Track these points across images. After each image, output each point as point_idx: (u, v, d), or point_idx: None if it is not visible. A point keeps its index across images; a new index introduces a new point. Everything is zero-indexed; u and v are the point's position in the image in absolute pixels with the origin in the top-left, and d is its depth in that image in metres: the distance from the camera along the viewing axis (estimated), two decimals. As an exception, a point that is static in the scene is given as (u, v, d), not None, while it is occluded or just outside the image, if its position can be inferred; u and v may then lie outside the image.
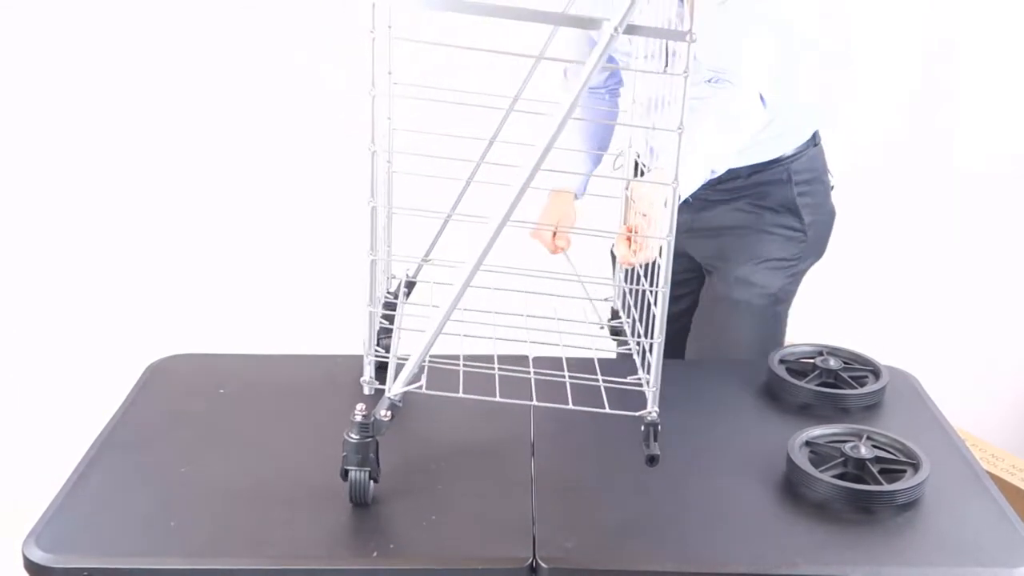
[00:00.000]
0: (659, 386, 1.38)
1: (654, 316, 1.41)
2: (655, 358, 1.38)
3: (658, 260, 1.42)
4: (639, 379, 1.46)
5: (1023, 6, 2.87)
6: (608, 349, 1.70)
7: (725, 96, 1.76)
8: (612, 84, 2.06)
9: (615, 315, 1.78)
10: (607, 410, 1.41)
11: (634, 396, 1.46)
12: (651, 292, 1.46)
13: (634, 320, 1.61)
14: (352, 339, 1.82)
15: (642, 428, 1.38)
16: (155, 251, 3.01)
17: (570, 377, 1.47)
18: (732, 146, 1.78)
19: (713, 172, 1.76)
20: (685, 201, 1.74)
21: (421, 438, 1.54)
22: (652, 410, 1.39)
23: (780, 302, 2.02)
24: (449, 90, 1.49)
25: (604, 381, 1.46)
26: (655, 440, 1.37)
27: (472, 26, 1.47)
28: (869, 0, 2.86)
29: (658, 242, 1.42)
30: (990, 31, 2.88)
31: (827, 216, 2.04)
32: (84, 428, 1.65)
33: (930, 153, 2.98)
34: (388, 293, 1.71)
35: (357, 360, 1.76)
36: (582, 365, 1.55)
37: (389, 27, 1.45)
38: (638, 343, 1.54)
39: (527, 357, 1.55)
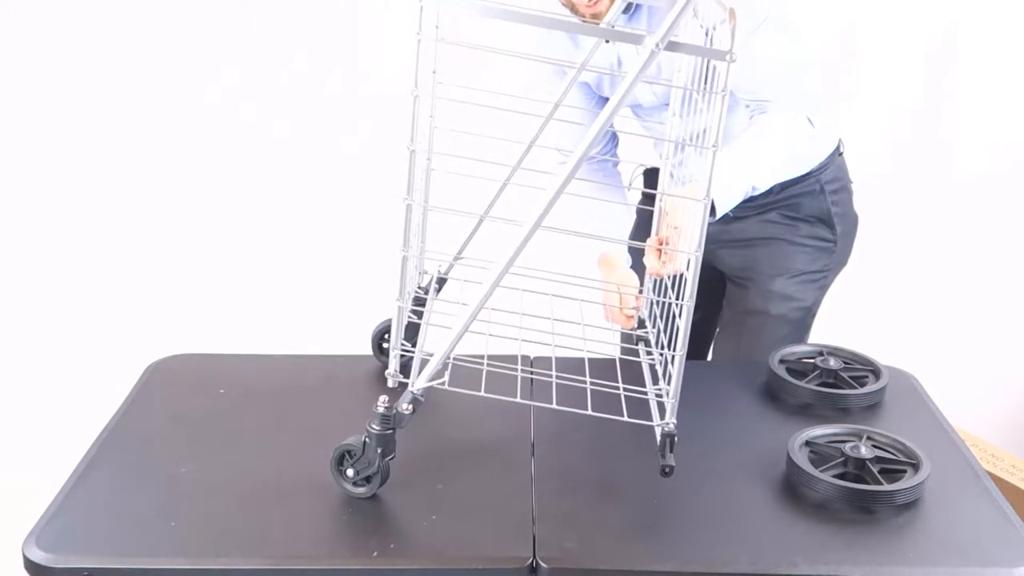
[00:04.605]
0: (678, 397, 1.38)
1: (675, 328, 1.41)
2: (676, 370, 1.38)
3: (684, 274, 1.42)
4: (659, 389, 1.46)
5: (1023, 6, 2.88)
6: (630, 357, 1.69)
7: (773, 118, 1.77)
8: (610, 147, 2.07)
9: (641, 324, 1.78)
10: (625, 419, 1.40)
11: (646, 402, 1.46)
12: (676, 305, 1.46)
13: (659, 331, 1.61)
14: (353, 339, 1.82)
15: (659, 438, 1.38)
16: (155, 251, 3.01)
17: (591, 383, 1.46)
18: (776, 165, 1.79)
19: (754, 189, 1.77)
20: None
21: (421, 437, 1.54)
22: (670, 421, 1.38)
23: (812, 315, 2.03)
24: (487, 91, 1.49)
25: (624, 389, 1.46)
26: (671, 451, 1.37)
27: (508, 31, 1.47)
28: (871, 2, 2.87)
29: (686, 255, 1.42)
30: (992, 29, 2.89)
31: (852, 224, 2.04)
32: (84, 428, 1.65)
33: (930, 155, 2.99)
34: (419, 288, 1.71)
35: (357, 360, 1.77)
36: (602, 369, 1.55)
37: (436, 27, 1.45)
38: (661, 354, 1.54)
39: (549, 359, 1.55)
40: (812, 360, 1.77)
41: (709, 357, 2.17)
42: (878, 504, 1.40)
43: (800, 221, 1.97)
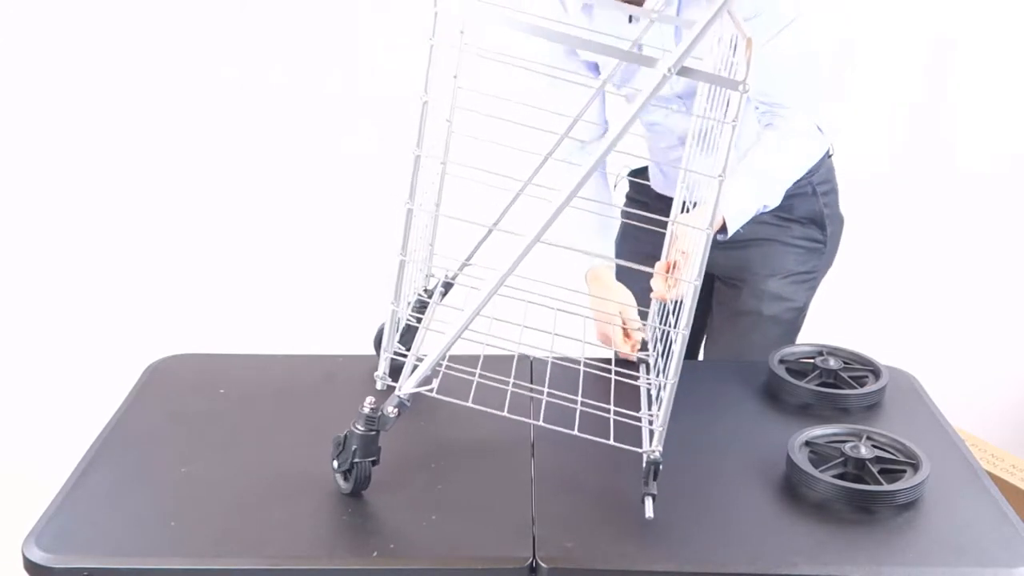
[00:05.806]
0: (666, 426, 1.37)
1: (669, 354, 1.40)
2: (667, 398, 1.37)
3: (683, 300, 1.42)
4: (651, 415, 1.46)
5: (1023, 6, 2.88)
6: (627, 381, 1.69)
7: (783, 129, 1.77)
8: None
9: (644, 347, 1.78)
10: (612, 442, 1.39)
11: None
12: (673, 333, 1.46)
13: (658, 355, 1.61)
14: (353, 339, 1.82)
15: (643, 465, 1.37)
16: (155, 251, 3.01)
17: (582, 403, 1.45)
18: (788, 180, 1.79)
19: (765, 207, 1.77)
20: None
21: (421, 437, 1.54)
22: (656, 448, 1.36)
23: (802, 316, 2.04)
24: (506, 100, 1.48)
25: (615, 412, 1.44)
26: (655, 479, 1.35)
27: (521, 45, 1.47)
28: (870, 2, 2.87)
29: (688, 283, 1.42)
30: (991, 29, 2.89)
31: (840, 225, 2.05)
32: (84, 428, 1.65)
33: (930, 154, 2.99)
34: (424, 292, 1.71)
35: (357, 360, 1.77)
36: (599, 385, 1.55)
37: (462, 32, 1.45)
38: (657, 378, 1.54)
39: (546, 369, 1.55)
40: (812, 360, 1.77)
41: (700, 358, 2.17)
42: (878, 504, 1.40)
43: (792, 222, 1.98)
